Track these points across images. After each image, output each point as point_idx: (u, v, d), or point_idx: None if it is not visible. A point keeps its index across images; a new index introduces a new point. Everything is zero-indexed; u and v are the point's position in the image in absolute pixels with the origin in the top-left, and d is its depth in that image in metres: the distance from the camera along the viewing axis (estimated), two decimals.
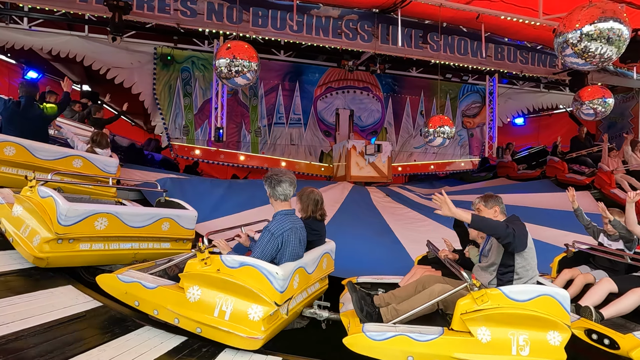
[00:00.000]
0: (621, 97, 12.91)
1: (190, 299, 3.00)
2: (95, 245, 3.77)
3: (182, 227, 4.50)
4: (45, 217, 3.52)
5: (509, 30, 10.34)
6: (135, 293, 3.20)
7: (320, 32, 9.38)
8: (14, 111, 5.04)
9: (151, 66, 10.19)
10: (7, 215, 3.90)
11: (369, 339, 2.80)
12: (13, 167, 4.76)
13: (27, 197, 3.77)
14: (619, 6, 7.27)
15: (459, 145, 13.31)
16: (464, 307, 2.79)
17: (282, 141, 11.55)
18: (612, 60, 4.32)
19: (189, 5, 8.62)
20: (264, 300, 2.86)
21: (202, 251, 3.04)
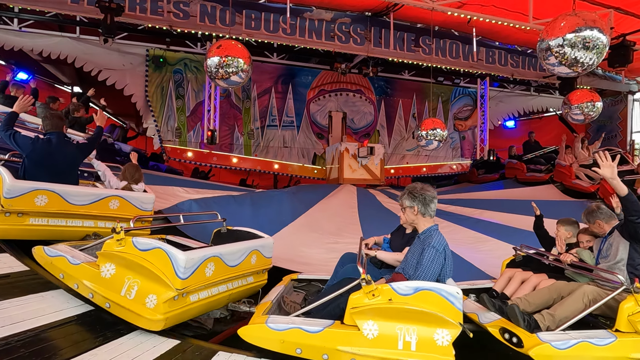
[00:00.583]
0: (610, 101, 13.11)
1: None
2: (202, 293, 3.37)
3: (265, 258, 4.15)
4: (159, 273, 3.11)
5: (500, 34, 10.46)
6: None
7: (313, 34, 9.42)
8: (45, 151, 4.32)
9: (143, 68, 10.14)
10: (94, 277, 3.34)
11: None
12: (44, 217, 4.18)
13: (120, 252, 3.28)
14: (599, 14, 7.42)
15: (450, 147, 13.40)
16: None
17: (275, 143, 11.55)
18: (592, 67, 4.41)
19: (181, 8, 8.60)
20: (447, 322, 2.75)
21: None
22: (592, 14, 4.68)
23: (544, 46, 4.59)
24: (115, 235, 3.22)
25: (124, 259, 3.20)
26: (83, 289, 3.29)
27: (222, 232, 4.37)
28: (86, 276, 3.30)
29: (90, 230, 4.42)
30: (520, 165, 11.70)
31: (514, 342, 3.01)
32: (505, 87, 13.40)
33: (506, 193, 10.59)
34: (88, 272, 3.30)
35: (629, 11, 8.58)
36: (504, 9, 8.67)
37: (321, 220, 7.37)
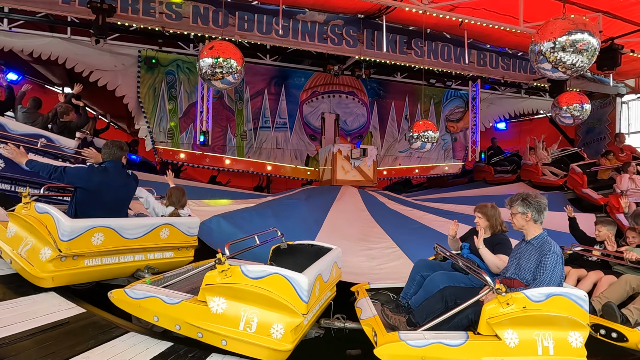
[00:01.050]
0: (599, 103, 13.29)
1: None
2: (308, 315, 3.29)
3: (339, 269, 4.18)
4: (281, 300, 3.05)
5: (491, 37, 10.56)
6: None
7: (306, 36, 9.44)
8: (102, 182, 3.91)
9: (135, 69, 10.09)
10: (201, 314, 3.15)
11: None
12: (98, 257, 3.80)
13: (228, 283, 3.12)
14: (590, 18, 7.53)
15: (442, 149, 13.50)
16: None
17: (268, 145, 11.56)
18: (583, 70, 4.49)
19: (174, 9, 8.57)
20: (579, 324, 2.88)
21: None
22: (583, 18, 4.76)
23: (536, 49, 4.65)
24: (219, 266, 3.00)
25: (235, 289, 2.98)
26: (187, 330, 3.03)
27: (281, 248, 4.32)
28: (190, 315, 3.02)
29: (141, 265, 4.11)
30: (487, 168, 12.74)
31: (613, 337, 3.18)
32: (496, 90, 13.52)
33: (482, 191, 11.35)
34: (192, 310, 3.04)
35: (617, 15, 8.71)
36: (495, 12, 8.75)
37: (343, 226, 7.35)
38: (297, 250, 4.31)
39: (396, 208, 9.17)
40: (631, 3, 8.14)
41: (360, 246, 6.45)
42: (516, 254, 3.36)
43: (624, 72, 11.75)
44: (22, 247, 3.64)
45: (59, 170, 3.77)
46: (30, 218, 3.65)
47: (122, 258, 3.96)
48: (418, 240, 6.81)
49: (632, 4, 8.16)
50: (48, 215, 3.57)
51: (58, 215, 3.54)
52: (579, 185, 9.82)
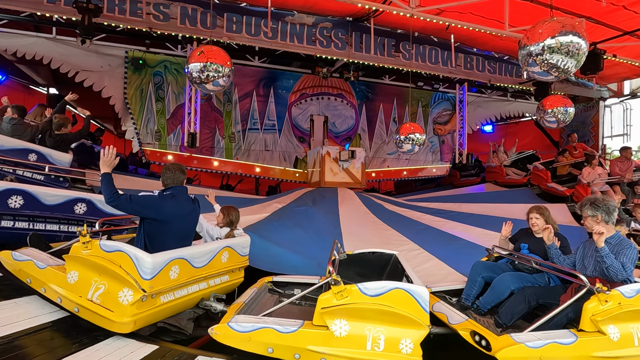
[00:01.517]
0: (582, 107, 13.53)
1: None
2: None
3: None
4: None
5: (478, 41, 10.70)
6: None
7: (294, 38, 9.45)
8: (172, 210, 3.64)
9: (122, 70, 9.99)
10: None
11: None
12: (171, 291, 3.51)
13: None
14: (578, 20, 7.68)
15: (430, 151, 13.61)
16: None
17: (257, 147, 11.53)
18: (572, 72, 4.55)
19: (161, 10, 8.51)
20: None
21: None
22: (572, 20, 4.83)
23: (525, 52, 4.70)
24: (334, 287, 2.98)
25: (357, 309, 2.96)
26: (309, 357, 2.96)
27: (341, 259, 4.28)
28: (312, 341, 2.96)
29: (205, 293, 3.85)
30: (454, 173, 13.70)
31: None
32: (483, 93, 13.70)
33: (456, 191, 12.31)
34: (313, 336, 2.97)
35: (599, 20, 8.91)
36: (481, 17, 8.89)
37: (359, 231, 7.33)
38: (359, 259, 4.28)
39: (394, 209, 9.24)
40: (613, 9, 8.33)
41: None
42: (590, 253, 3.58)
43: (607, 76, 12.01)
44: (92, 292, 3.20)
45: (123, 198, 3.38)
46: (97, 259, 3.23)
47: (190, 289, 3.69)
48: (434, 241, 6.97)
49: (614, 10, 8.35)
50: (121, 253, 3.20)
51: (135, 252, 3.19)
52: (543, 180, 10.58)
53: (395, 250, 4.50)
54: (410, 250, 6.42)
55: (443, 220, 8.51)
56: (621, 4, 8.17)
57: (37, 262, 3.38)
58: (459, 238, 7.26)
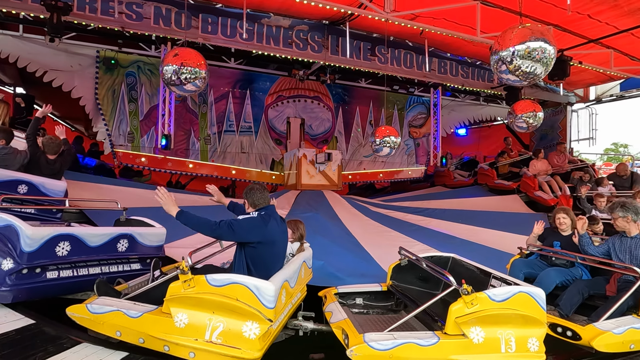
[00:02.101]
0: (551, 111, 13.99)
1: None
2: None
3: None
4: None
5: (451, 46, 10.93)
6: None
7: (271, 41, 9.42)
8: (276, 232, 3.52)
9: (93, 70, 9.74)
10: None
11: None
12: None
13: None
14: (546, 28, 7.94)
15: (406, 154, 13.81)
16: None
17: (233, 149, 11.43)
18: (541, 77, 4.70)
19: (134, 9, 8.34)
20: None
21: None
22: (541, 27, 4.99)
23: (496, 57, 4.83)
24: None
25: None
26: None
27: (402, 265, 4.37)
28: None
29: (291, 313, 3.74)
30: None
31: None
32: (456, 97, 13.98)
33: (445, 194, 12.17)
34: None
35: (566, 28, 9.23)
36: (454, 22, 9.07)
37: (365, 235, 7.32)
38: (415, 265, 4.26)
39: (381, 212, 9.28)
40: (578, 17, 8.65)
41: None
42: (624, 247, 4.21)
43: (574, 82, 12.45)
44: (209, 332, 2.93)
45: (224, 225, 3.19)
46: (207, 295, 2.97)
47: (285, 311, 3.50)
48: (433, 240, 7.10)
49: (580, 18, 8.67)
50: (237, 285, 2.97)
51: (252, 281, 2.99)
52: (490, 178, 11.23)
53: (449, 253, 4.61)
54: (422, 250, 6.39)
55: (424, 218, 8.69)
56: (586, 12, 8.49)
57: (127, 311, 2.99)
58: (452, 236, 7.59)
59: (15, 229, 3.52)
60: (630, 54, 10.19)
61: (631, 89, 12.92)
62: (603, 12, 8.43)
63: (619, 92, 13.25)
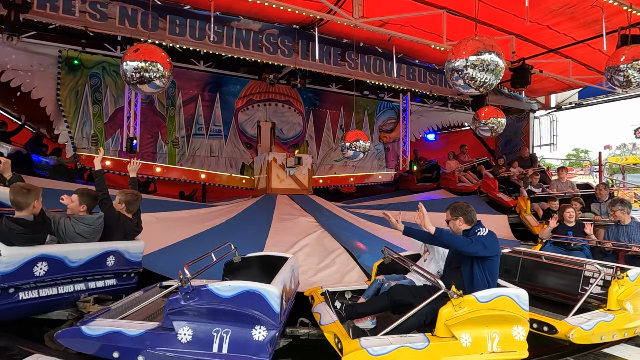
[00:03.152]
0: (515, 118, 14.48)
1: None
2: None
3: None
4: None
5: (419, 53, 11.16)
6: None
7: (240, 44, 9.35)
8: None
9: (55, 70, 9.41)
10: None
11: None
12: None
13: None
14: (503, 38, 8.23)
15: (376, 158, 13.97)
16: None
17: (202, 152, 11.27)
18: (492, 86, 4.90)
19: (98, 9, 8.09)
20: None
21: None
22: (492, 39, 5.20)
23: (450, 66, 5.00)
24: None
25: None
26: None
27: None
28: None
29: None
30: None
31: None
32: (425, 102, 14.28)
33: (407, 198, 12.57)
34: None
35: (527, 38, 9.60)
36: (421, 30, 9.27)
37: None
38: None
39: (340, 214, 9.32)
40: (539, 28, 9.01)
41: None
42: (622, 233, 5.64)
43: (535, 90, 12.95)
44: (490, 344, 3.24)
45: (477, 242, 3.43)
46: (480, 312, 3.21)
47: None
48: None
49: (540, 29, 9.04)
50: (503, 297, 3.28)
51: (513, 291, 3.36)
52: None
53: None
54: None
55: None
56: (545, 23, 8.86)
57: (412, 345, 3.04)
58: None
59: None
60: (587, 63, 10.69)
61: (588, 97, 13.56)
62: (561, 24, 8.81)
63: (578, 99, 13.87)
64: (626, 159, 30.57)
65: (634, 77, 6.03)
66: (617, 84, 6.34)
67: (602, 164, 14.07)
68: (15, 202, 3.41)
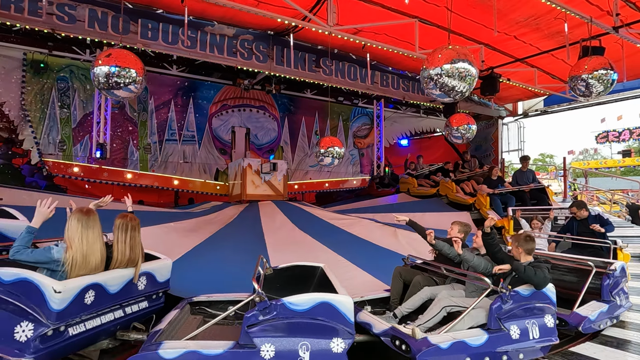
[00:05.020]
0: (484, 124, 14.92)
1: None
2: None
3: None
4: None
5: (392, 60, 11.36)
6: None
7: (214, 49, 9.25)
8: None
9: (19, 73, 9.07)
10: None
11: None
12: None
13: None
14: (473, 47, 8.49)
15: (351, 164, 14.08)
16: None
17: (175, 158, 11.06)
18: (465, 94, 5.03)
19: (66, 11, 7.84)
20: None
21: None
22: (465, 49, 5.36)
23: (425, 74, 5.10)
24: None
25: None
26: None
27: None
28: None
29: None
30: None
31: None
32: (398, 109, 14.52)
33: (372, 202, 12.84)
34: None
35: (496, 47, 9.93)
36: (395, 38, 9.45)
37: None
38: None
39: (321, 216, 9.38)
40: (506, 38, 9.34)
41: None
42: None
43: (503, 97, 13.39)
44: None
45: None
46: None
47: None
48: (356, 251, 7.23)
49: (507, 39, 9.37)
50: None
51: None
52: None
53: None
54: (336, 261, 6.51)
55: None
56: (512, 34, 9.19)
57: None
58: (379, 247, 7.60)
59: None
60: (552, 72, 11.14)
61: (553, 105, 14.12)
62: (527, 34, 9.16)
63: (543, 107, 14.42)
64: (588, 164, 31.95)
65: (594, 87, 6.33)
66: (579, 93, 6.63)
67: (566, 168, 14.67)
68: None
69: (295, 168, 12.92)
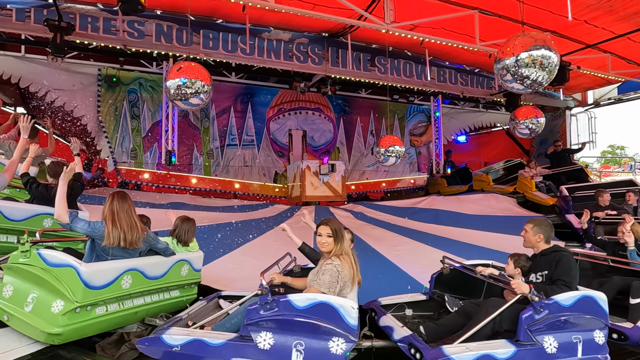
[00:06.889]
0: (550, 116, 14.03)
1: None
2: None
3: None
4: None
5: (450, 54, 11.01)
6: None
7: (271, 54, 9.47)
8: None
9: (95, 88, 9.79)
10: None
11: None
12: None
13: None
14: (546, 35, 8.02)
15: (407, 162, 13.82)
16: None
17: (236, 163, 11.43)
18: (545, 84, 4.72)
19: (136, 27, 8.38)
20: None
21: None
22: (543, 34, 5.03)
23: (500, 65, 4.83)
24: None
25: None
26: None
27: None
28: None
29: None
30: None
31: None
32: (456, 104, 14.05)
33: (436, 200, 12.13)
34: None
35: (564, 34, 9.33)
36: (453, 32, 9.15)
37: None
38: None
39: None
40: (575, 23, 8.73)
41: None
42: None
43: (572, 86, 12.54)
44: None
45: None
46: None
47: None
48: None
49: (577, 24, 8.76)
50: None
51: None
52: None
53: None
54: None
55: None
56: (583, 18, 8.58)
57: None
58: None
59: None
60: (627, 57, 10.29)
61: (629, 92, 13.00)
62: (599, 18, 8.51)
63: (617, 95, 13.33)
64: None
65: None
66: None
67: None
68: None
69: (351, 168, 12.89)
